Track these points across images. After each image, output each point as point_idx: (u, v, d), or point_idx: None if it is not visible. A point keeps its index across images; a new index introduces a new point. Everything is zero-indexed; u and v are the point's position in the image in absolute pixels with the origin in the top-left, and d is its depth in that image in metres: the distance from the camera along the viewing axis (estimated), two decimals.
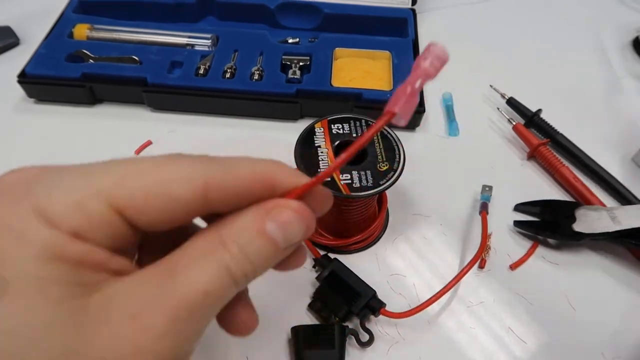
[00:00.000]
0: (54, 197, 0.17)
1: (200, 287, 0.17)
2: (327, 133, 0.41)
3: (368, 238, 0.45)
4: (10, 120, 0.54)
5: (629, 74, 0.64)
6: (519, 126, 0.54)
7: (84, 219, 0.17)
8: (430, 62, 0.21)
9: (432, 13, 0.70)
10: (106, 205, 0.17)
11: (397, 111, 0.19)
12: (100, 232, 0.17)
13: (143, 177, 0.18)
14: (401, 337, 0.40)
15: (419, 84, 0.20)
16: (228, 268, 0.18)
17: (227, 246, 0.18)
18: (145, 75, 0.54)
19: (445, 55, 0.21)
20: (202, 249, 0.18)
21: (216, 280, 0.18)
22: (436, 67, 0.21)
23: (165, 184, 0.18)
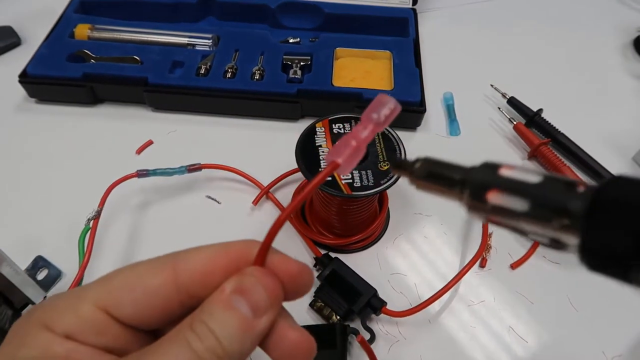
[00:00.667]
0: (55, 306, 0.19)
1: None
2: (328, 133, 0.41)
3: (369, 237, 0.45)
4: (11, 120, 0.55)
5: (629, 74, 0.64)
6: (519, 126, 0.54)
7: (75, 321, 0.18)
8: (381, 114, 0.20)
9: (432, 13, 0.70)
10: (93, 305, 0.19)
11: (340, 162, 0.19)
12: (90, 331, 0.19)
13: (122, 277, 0.20)
14: (402, 336, 0.40)
15: (366, 135, 0.20)
16: (194, 350, 0.17)
17: (194, 326, 0.18)
18: (146, 75, 0.54)
19: (395, 106, 0.20)
20: (171, 334, 0.18)
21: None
22: (386, 117, 0.20)
23: (140, 278, 0.20)
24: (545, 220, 0.16)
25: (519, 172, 0.17)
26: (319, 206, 0.43)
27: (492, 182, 0.17)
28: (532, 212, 0.16)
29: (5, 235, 0.45)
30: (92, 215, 0.42)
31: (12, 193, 0.48)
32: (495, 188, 0.17)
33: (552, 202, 0.16)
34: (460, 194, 0.19)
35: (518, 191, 0.17)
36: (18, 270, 0.38)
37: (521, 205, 0.16)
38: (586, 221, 0.15)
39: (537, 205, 0.16)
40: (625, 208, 0.14)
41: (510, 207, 0.17)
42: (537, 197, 0.16)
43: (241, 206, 0.48)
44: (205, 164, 0.47)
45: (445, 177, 0.19)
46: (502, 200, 0.17)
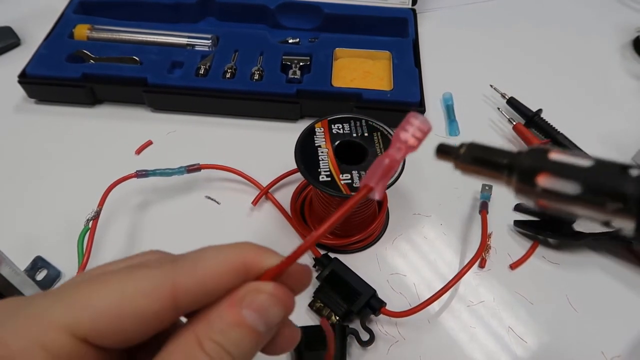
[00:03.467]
0: (13, 338, 0.16)
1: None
2: (328, 133, 0.41)
3: (368, 238, 0.45)
4: (11, 121, 0.55)
5: (629, 74, 0.64)
6: (519, 126, 0.54)
7: (49, 358, 0.16)
8: (412, 134, 0.20)
9: (432, 13, 0.70)
10: (70, 337, 0.16)
11: (373, 186, 0.19)
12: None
13: (105, 299, 0.17)
14: (401, 336, 0.40)
15: (400, 156, 0.20)
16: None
17: (204, 346, 0.17)
18: (146, 75, 0.54)
19: (426, 126, 0.20)
20: (179, 355, 0.17)
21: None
22: (417, 138, 0.20)
23: (130, 301, 0.17)
24: (598, 204, 0.16)
25: (569, 156, 0.17)
26: (319, 206, 0.43)
27: (543, 166, 0.17)
28: (584, 195, 0.16)
29: (4, 235, 0.45)
30: (91, 216, 0.42)
31: (11, 193, 0.48)
32: (546, 171, 0.17)
33: (605, 185, 0.16)
34: (508, 177, 0.19)
35: (569, 174, 0.17)
36: (17, 271, 0.38)
37: (573, 189, 0.16)
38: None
39: (589, 188, 0.16)
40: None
41: (561, 191, 0.17)
42: (589, 180, 0.16)
43: (240, 206, 0.48)
44: (204, 165, 0.47)
45: (492, 162, 0.19)
46: (553, 184, 0.17)
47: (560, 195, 0.17)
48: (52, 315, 0.16)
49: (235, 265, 0.18)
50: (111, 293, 0.17)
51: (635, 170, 0.15)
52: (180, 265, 0.18)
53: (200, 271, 0.18)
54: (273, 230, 0.46)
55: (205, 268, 0.18)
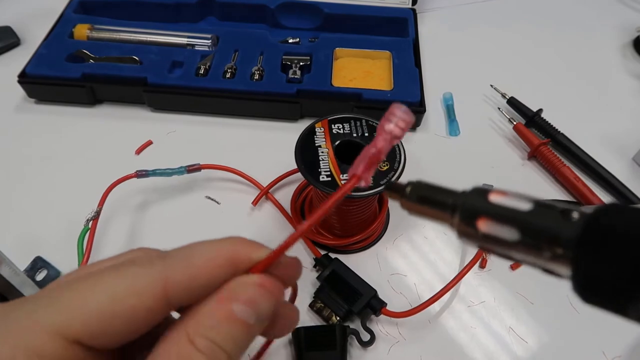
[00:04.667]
0: (1, 344, 0.15)
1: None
2: (328, 133, 0.41)
3: (369, 238, 0.45)
4: (10, 120, 0.54)
5: (629, 74, 0.64)
6: (519, 126, 0.54)
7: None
8: (395, 124, 0.20)
9: (432, 13, 0.70)
10: (61, 341, 0.16)
11: (360, 174, 0.20)
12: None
13: (97, 300, 0.16)
14: (402, 336, 0.40)
15: (386, 145, 0.20)
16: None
17: (196, 344, 0.17)
18: (146, 75, 0.54)
19: (409, 116, 0.20)
20: (173, 355, 0.17)
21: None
22: (401, 128, 0.20)
23: (122, 300, 0.17)
24: (536, 249, 0.15)
25: (509, 199, 0.16)
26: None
27: (482, 209, 0.17)
28: (522, 241, 0.16)
29: (4, 235, 0.45)
30: (91, 216, 0.42)
31: (11, 193, 0.48)
32: (485, 216, 0.17)
33: (543, 231, 0.15)
34: (451, 219, 0.18)
35: (508, 219, 0.16)
36: (17, 271, 0.38)
37: (511, 235, 0.16)
38: (579, 251, 0.14)
39: (527, 234, 0.15)
40: (622, 238, 0.13)
41: (500, 236, 0.16)
42: (527, 226, 0.15)
43: (241, 206, 0.48)
44: (204, 165, 0.47)
45: (436, 201, 0.19)
46: (492, 229, 0.16)
47: (500, 241, 0.16)
48: (41, 318, 0.16)
49: (225, 259, 0.18)
50: (102, 293, 0.17)
51: (575, 214, 0.15)
52: (170, 261, 0.18)
53: (191, 267, 0.18)
54: (273, 230, 0.46)
55: (196, 264, 0.18)
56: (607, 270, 0.13)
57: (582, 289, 0.14)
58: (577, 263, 0.14)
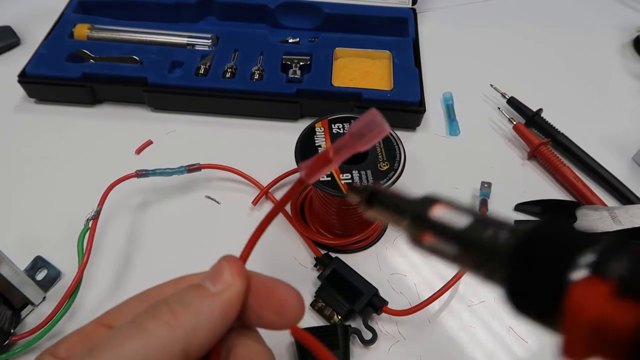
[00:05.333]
0: None
1: None
2: (328, 133, 0.41)
3: (369, 237, 0.45)
4: (10, 120, 0.54)
5: (629, 74, 0.64)
6: (519, 126, 0.54)
7: None
8: (360, 133, 0.18)
9: (432, 13, 0.70)
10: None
11: (304, 178, 0.20)
12: None
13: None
14: (402, 336, 0.40)
15: (339, 154, 0.19)
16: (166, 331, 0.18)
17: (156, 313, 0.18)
18: (146, 75, 0.54)
19: (381, 129, 0.18)
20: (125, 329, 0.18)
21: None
22: (370, 140, 0.19)
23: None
24: (473, 266, 0.16)
25: (450, 213, 0.17)
26: (319, 206, 0.43)
27: (426, 225, 0.17)
28: (461, 256, 0.16)
29: (4, 235, 0.45)
30: (91, 215, 0.42)
31: (11, 193, 0.48)
32: (428, 232, 0.17)
33: (478, 248, 0.15)
34: (403, 220, 0.18)
35: (446, 235, 0.16)
36: (17, 271, 0.38)
37: (452, 250, 0.16)
38: (508, 270, 0.14)
39: (464, 250, 0.16)
40: (549, 260, 0.13)
41: (443, 250, 0.16)
42: (463, 242, 0.16)
43: (241, 206, 0.48)
44: (204, 164, 0.47)
45: (389, 212, 0.20)
46: (434, 243, 0.17)
47: (445, 254, 0.16)
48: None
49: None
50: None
51: (505, 233, 0.15)
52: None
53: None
54: (273, 230, 0.46)
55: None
56: (531, 289, 0.13)
57: (513, 303, 0.14)
58: (508, 281, 0.14)
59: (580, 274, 0.12)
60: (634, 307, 0.11)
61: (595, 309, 0.12)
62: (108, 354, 0.17)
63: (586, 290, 0.12)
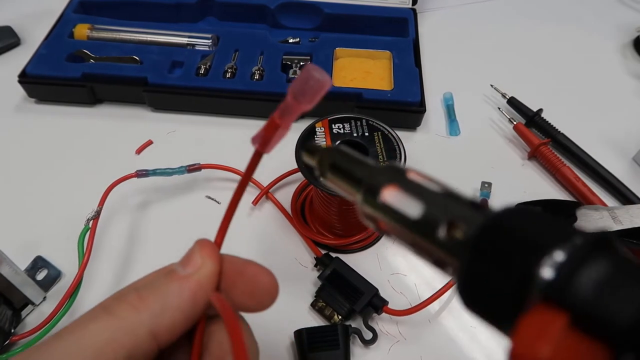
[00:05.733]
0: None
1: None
2: (328, 133, 0.41)
3: (369, 237, 0.45)
4: (11, 120, 0.54)
5: (629, 74, 0.64)
6: (519, 126, 0.54)
7: None
8: (302, 91, 0.18)
9: (432, 13, 0.70)
10: None
11: (257, 147, 0.20)
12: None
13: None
14: (402, 336, 0.40)
15: (285, 117, 0.19)
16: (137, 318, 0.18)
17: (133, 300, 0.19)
18: (146, 75, 0.54)
19: (322, 81, 0.17)
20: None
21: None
22: (309, 98, 0.18)
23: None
24: (433, 230, 0.14)
25: (423, 179, 0.16)
26: (319, 206, 0.43)
27: (392, 180, 0.16)
28: (423, 218, 0.14)
29: (5, 235, 0.45)
30: (91, 216, 0.42)
31: (11, 193, 0.48)
32: (394, 185, 0.16)
33: (447, 211, 0.14)
34: (357, 191, 0.17)
35: (415, 192, 0.15)
36: (18, 271, 0.38)
37: (414, 209, 0.15)
38: (470, 249, 0.12)
39: (430, 210, 0.14)
40: (514, 243, 0.12)
41: (401, 210, 0.15)
42: (432, 203, 0.15)
43: (241, 206, 0.47)
44: (204, 164, 0.47)
45: (348, 171, 0.18)
46: (395, 199, 0.15)
47: (399, 216, 0.15)
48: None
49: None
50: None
51: (478, 213, 0.14)
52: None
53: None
54: (273, 230, 0.46)
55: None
56: (493, 273, 0.12)
57: (465, 289, 0.13)
58: (466, 260, 0.13)
59: (539, 289, 0.11)
60: (590, 347, 0.10)
61: (546, 349, 0.10)
62: (73, 335, 0.17)
63: (539, 321, 0.10)
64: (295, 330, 0.38)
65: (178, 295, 0.18)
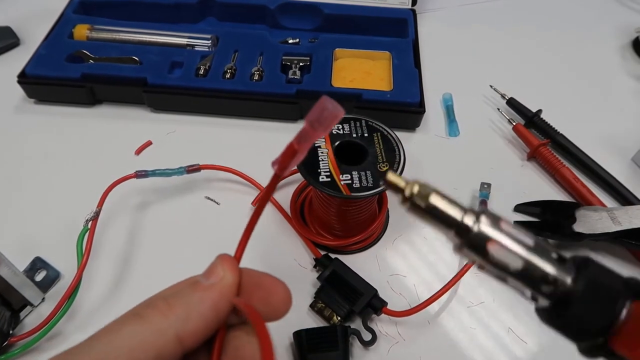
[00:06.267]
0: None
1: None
2: (327, 133, 0.41)
3: (368, 238, 0.45)
4: (10, 121, 0.54)
5: (629, 74, 0.64)
6: (519, 126, 0.54)
7: None
8: (317, 121, 0.20)
9: (432, 13, 0.70)
10: None
11: (276, 170, 0.21)
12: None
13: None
14: (401, 337, 0.40)
15: (302, 143, 0.21)
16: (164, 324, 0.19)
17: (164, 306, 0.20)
18: (146, 75, 0.54)
19: (335, 112, 0.19)
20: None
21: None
22: (327, 125, 0.20)
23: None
24: (531, 282, 0.18)
25: (516, 231, 0.18)
26: (319, 207, 0.43)
27: (494, 235, 0.18)
28: (523, 272, 0.18)
29: (3, 236, 0.45)
30: (90, 216, 0.42)
31: (10, 194, 0.48)
32: (496, 241, 0.18)
33: (543, 270, 0.17)
34: (455, 236, 0.19)
35: (515, 250, 0.18)
36: (16, 272, 0.38)
37: (515, 263, 0.18)
38: (567, 295, 0.17)
39: (529, 268, 0.18)
40: (604, 291, 0.17)
41: (504, 262, 0.18)
42: (531, 261, 0.18)
43: (240, 207, 0.48)
44: (204, 165, 0.47)
45: (444, 216, 0.19)
46: (500, 254, 0.18)
47: (501, 266, 0.18)
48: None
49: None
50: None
51: (569, 263, 0.18)
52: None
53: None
54: (273, 231, 0.46)
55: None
56: (591, 315, 0.17)
57: (555, 320, 0.18)
58: (561, 304, 0.17)
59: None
60: None
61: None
62: (107, 337, 0.19)
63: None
64: (294, 332, 0.38)
65: (202, 303, 0.20)
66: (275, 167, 0.21)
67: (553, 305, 0.17)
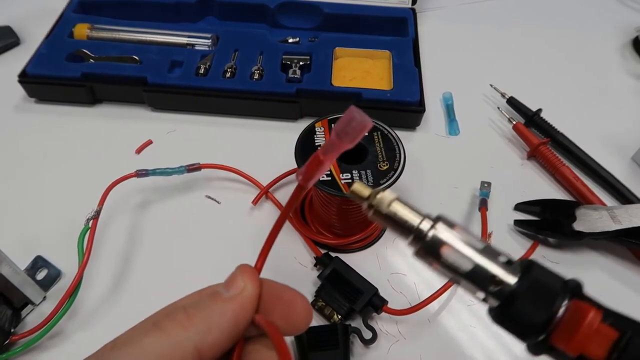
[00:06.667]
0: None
1: None
2: (328, 132, 0.41)
3: (369, 237, 0.45)
4: (10, 120, 0.55)
5: (629, 73, 0.64)
6: (519, 125, 0.54)
7: None
8: (344, 131, 0.20)
9: (432, 13, 0.70)
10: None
11: (300, 181, 0.21)
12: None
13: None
14: (402, 335, 0.40)
15: (328, 154, 0.20)
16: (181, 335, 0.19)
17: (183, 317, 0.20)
18: (146, 74, 0.54)
19: (363, 122, 0.19)
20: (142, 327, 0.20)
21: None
22: (351, 137, 0.20)
23: None
24: (479, 282, 0.19)
25: (468, 236, 0.20)
26: (319, 206, 0.43)
27: (447, 239, 0.20)
28: (472, 273, 0.19)
29: (4, 235, 0.45)
30: (91, 215, 0.42)
31: (11, 193, 0.48)
32: (449, 246, 0.20)
33: (490, 271, 0.19)
34: (412, 240, 0.21)
35: (465, 254, 0.19)
36: (17, 270, 0.38)
37: (465, 265, 0.19)
38: (512, 295, 0.19)
39: (478, 269, 0.19)
40: (545, 291, 0.19)
41: (455, 264, 0.20)
42: (479, 264, 0.19)
43: (241, 206, 0.48)
44: (204, 164, 0.47)
45: (401, 222, 0.21)
46: (452, 257, 0.20)
47: (453, 268, 0.20)
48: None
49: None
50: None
51: (515, 265, 0.19)
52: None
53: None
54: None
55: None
56: (527, 314, 0.19)
57: (502, 318, 0.19)
58: (511, 302, 0.19)
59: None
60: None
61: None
62: (127, 349, 0.19)
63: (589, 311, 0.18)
64: None
65: (222, 316, 0.20)
66: (300, 178, 0.21)
67: (500, 304, 0.19)
